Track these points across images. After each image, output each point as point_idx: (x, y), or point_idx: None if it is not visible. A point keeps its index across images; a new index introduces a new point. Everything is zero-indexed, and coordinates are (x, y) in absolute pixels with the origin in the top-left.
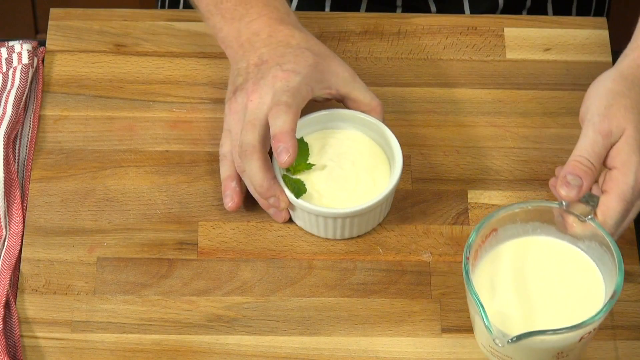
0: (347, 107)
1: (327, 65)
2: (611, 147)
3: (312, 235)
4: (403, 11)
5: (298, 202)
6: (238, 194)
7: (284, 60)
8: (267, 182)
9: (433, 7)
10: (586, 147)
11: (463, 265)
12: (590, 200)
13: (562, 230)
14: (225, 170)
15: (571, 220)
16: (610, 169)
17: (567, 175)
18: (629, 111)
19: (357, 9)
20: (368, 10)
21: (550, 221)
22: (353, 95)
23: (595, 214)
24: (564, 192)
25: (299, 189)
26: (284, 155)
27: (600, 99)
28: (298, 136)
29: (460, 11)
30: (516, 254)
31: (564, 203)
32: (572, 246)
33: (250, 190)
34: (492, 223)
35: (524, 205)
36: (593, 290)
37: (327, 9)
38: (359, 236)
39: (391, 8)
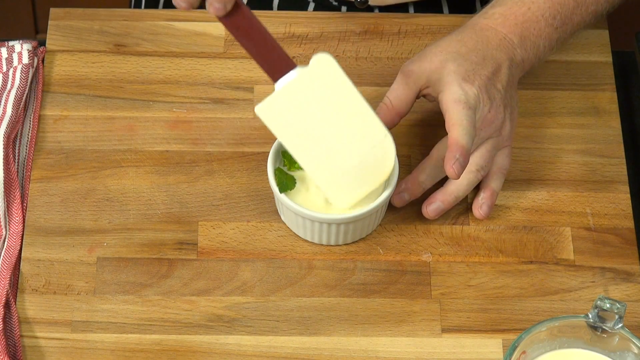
0: None
1: None
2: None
3: None
4: (315, 9)
5: (280, 197)
6: None
7: None
8: None
9: (344, 8)
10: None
11: None
12: (615, 307)
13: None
14: None
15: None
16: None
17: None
18: None
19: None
20: (279, 7)
21: (577, 335)
22: None
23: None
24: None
25: (287, 185)
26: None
27: None
28: None
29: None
30: None
31: (589, 315)
32: (603, 357)
33: None
34: (521, 346)
35: (550, 323)
36: None
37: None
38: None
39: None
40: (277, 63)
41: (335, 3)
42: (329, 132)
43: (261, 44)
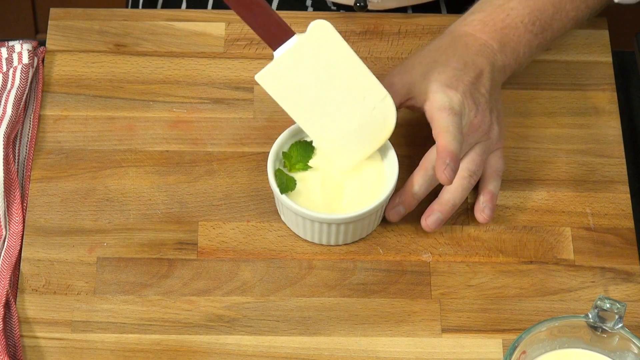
0: None
1: None
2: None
3: None
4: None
5: (281, 197)
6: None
7: None
8: None
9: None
10: None
11: None
12: (615, 307)
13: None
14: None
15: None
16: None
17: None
18: None
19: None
20: (279, 8)
21: (577, 335)
22: None
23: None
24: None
25: (287, 186)
26: None
27: None
28: (309, 139)
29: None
30: None
31: (589, 315)
32: (603, 357)
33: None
34: (521, 346)
35: (550, 323)
36: None
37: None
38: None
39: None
40: (275, 31)
41: (333, 8)
42: (330, 96)
43: (259, 13)
